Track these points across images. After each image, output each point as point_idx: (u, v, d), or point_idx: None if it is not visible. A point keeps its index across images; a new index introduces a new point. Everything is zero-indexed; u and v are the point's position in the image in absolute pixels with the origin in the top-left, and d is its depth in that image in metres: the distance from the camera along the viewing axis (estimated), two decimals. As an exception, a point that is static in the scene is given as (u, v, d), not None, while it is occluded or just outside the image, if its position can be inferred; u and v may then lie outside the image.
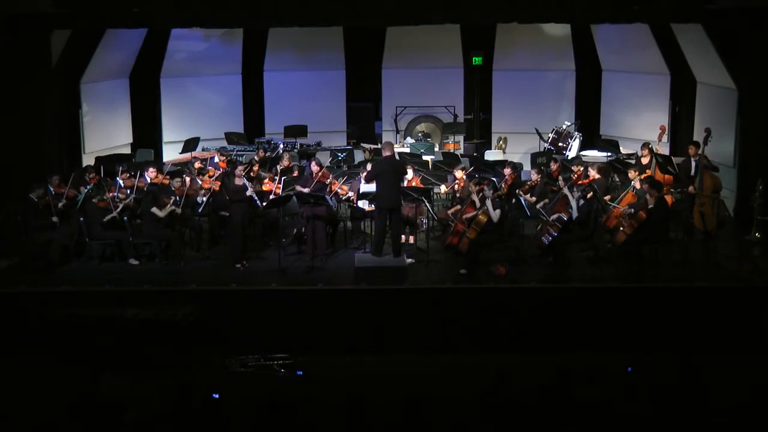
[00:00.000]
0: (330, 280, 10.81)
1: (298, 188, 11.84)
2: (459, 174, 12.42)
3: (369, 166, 12.25)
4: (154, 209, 11.29)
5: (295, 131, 16.21)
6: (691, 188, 12.04)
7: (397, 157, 11.96)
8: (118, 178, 12.16)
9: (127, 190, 11.68)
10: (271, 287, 10.62)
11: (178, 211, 11.43)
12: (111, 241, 11.52)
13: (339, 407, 6.85)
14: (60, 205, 11.44)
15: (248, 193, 11.34)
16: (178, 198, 11.50)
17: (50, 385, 8.89)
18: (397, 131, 17.08)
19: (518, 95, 16.88)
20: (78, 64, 14.67)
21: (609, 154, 14.57)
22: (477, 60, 17.05)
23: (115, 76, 15.91)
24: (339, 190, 12.10)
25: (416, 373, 9.27)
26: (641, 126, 15.44)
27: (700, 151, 12.13)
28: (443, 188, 12.75)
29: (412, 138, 16.49)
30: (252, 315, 10.19)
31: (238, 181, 11.42)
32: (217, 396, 7.39)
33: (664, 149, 14.13)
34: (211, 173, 12.89)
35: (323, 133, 16.60)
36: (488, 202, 10.93)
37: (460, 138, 16.72)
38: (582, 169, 12.48)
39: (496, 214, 10.86)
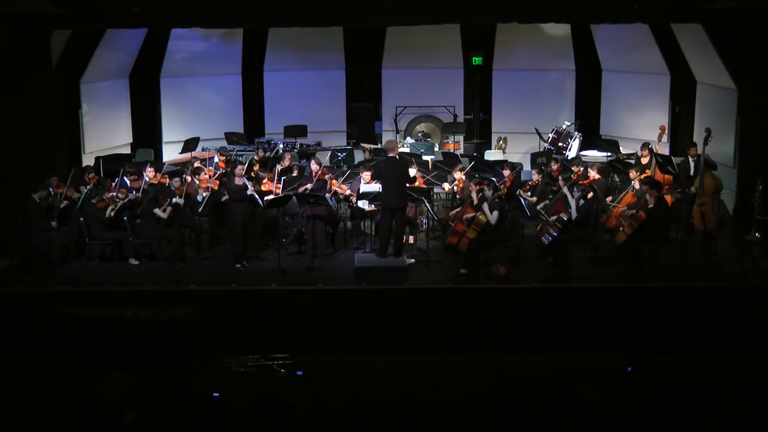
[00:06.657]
0: (330, 280, 10.80)
1: (303, 187, 11.80)
2: (458, 175, 12.42)
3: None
4: (156, 210, 11.28)
5: (295, 131, 16.20)
6: (692, 188, 12.04)
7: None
8: (125, 179, 12.15)
9: (133, 190, 11.69)
10: (271, 287, 10.62)
11: (181, 203, 11.41)
12: (111, 241, 11.53)
13: (339, 407, 6.85)
14: (61, 206, 11.46)
15: (249, 192, 11.35)
16: (178, 197, 11.50)
17: (50, 385, 8.89)
18: (397, 131, 17.07)
19: (518, 95, 16.87)
20: (78, 64, 14.66)
21: (609, 154, 14.56)
22: (477, 60, 17.04)
23: (115, 76, 15.91)
24: (338, 190, 12.10)
25: (416, 373, 9.26)
26: (641, 126, 15.43)
27: (700, 151, 12.12)
28: (446, 187, 12.74)
29: (412, 138, 16.48)
30: (252, 315, 10.18)
31: (239, 181, 11.42)
32: (216, 395, 7.41)
33: (663, 149, 14.12)
34: (209, 173, 12.88)
35: (323, 133, 16.60)
36: (485, 205, 10.92)
37: (460, 138, 16.71)
38: (582, 169, 12.48)
39: (493, 217, 10.85)
